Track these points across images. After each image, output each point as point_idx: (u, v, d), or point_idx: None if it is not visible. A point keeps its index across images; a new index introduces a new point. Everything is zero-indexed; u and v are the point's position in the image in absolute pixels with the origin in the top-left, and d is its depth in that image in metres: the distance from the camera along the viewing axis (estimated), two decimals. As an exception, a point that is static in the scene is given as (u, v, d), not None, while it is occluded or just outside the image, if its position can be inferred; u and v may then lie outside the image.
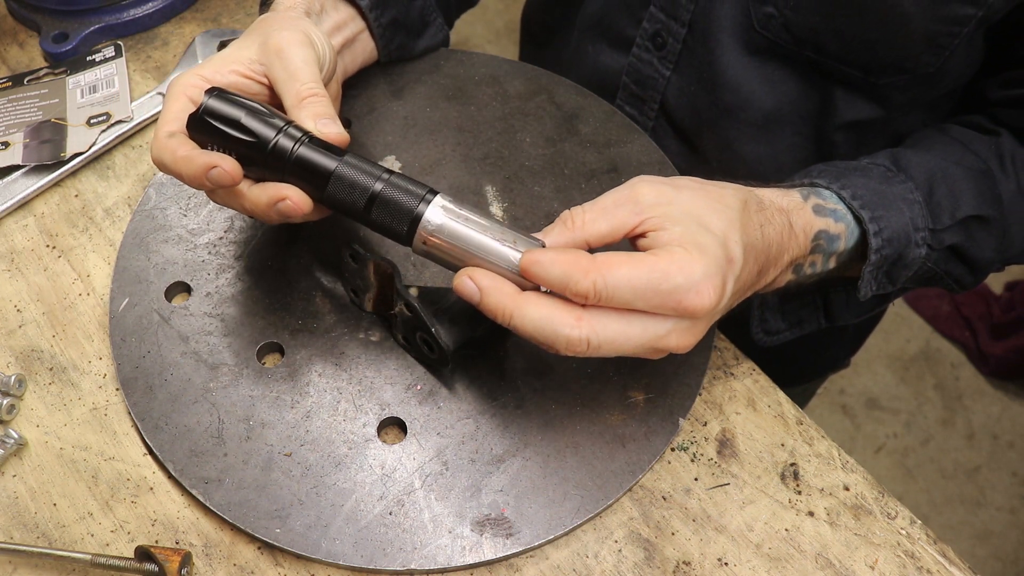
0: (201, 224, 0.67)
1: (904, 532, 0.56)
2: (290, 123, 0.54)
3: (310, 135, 0.54)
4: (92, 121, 0.74)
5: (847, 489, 0.57)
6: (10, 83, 0.78)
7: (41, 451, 0.58)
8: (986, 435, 1.91)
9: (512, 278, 0.50)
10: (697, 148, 0.75)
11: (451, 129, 0.73)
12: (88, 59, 0.80)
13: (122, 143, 0.74)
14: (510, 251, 0.50)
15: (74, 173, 0.72)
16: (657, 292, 0.46)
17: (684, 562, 0.54)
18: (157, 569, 0.51)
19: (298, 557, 0.53)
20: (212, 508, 0.54)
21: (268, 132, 0.53)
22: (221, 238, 0.66)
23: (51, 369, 0.61)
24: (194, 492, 0.54)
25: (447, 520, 0.54)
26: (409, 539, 0.53)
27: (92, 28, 0.81)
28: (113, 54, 0.80)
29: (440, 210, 0.51)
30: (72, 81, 0.78)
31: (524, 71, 0.77)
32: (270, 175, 0.54)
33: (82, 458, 0.57)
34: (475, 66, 0.77)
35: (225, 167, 0.52)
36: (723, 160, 0.73)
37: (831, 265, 0.61)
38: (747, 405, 0.61)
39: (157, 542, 0.54)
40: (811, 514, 0.56)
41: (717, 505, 0.56)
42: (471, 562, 0.52)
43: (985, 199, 0.63)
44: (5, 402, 0.59)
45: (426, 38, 0.76)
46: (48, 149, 0.72)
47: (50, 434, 0.59)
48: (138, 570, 0.52)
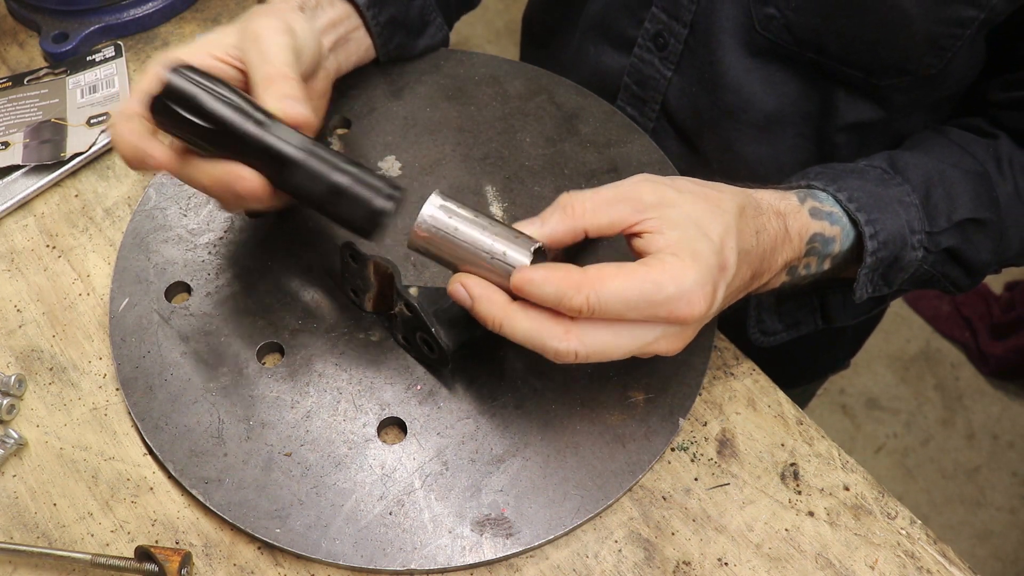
0: (201, 224, 0.67)
1: (904, 532, 0.56)
2: (253, 105, 0.52)
3: (272, 118, 0.52)
4: (92, 121, 0.74)
5: (847, 489, 0.57)
6: (10, 83, 0.78)
7: (41, 451, 0.58)
8: (986, 435, 1.91)
9: (504, 284, 0.50)
10: (698, 149, 0.75)
11: (451, 129, 0.73)
12: (88, 59, 0.80)
13: (122, 143, 0.74)
14: (505, 253, 0.49)
15: (74, 173, 0.72)
16: (649, 303, 0.47)
17: (684, 562, 0.54)
18: (157, 569, 0.51)
19: (298, 557, 0.53)
20: (212, 508, 0.54)
21: (227, 113, 0.51)
22: (221, 238, 0.66)
23: (51, 369, 0.61)
24: (194, 492, 0.54)
25: (447, 520, 0.54)
26: (409, 539, 0.53)
27: (92, 28, 0.81)
28: (113, 54, 0.80)
29: (437, 208, 0.51)
30: (72, 81, 0.78)
31: (524, 71, 0.77)
32: (234, 158, 0.53)
33: (82, 458, 0.57)
34: (475, 66, 0.77)
35: (157, 158, 0.52)
36: (724, 161, 0.73)
37: (826, 267, 0.61)
38: (747, 405, 0.61)
39: (157, 542, 0.54)
40: (811, 514, 0.56)
41: (717, 505, 0.56)
42: (471, 562, 0.52)
43: (982, 202, 0.63)
44: (5, 402, 0.59)
45: (426, 37, 0.76)
46: (48, 149, 0.72)
47: (50, 434, 0.59)
48: (138, 570, 0.52)
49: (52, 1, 0.81)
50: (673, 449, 0.58)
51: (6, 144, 0.73)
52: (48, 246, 0.68)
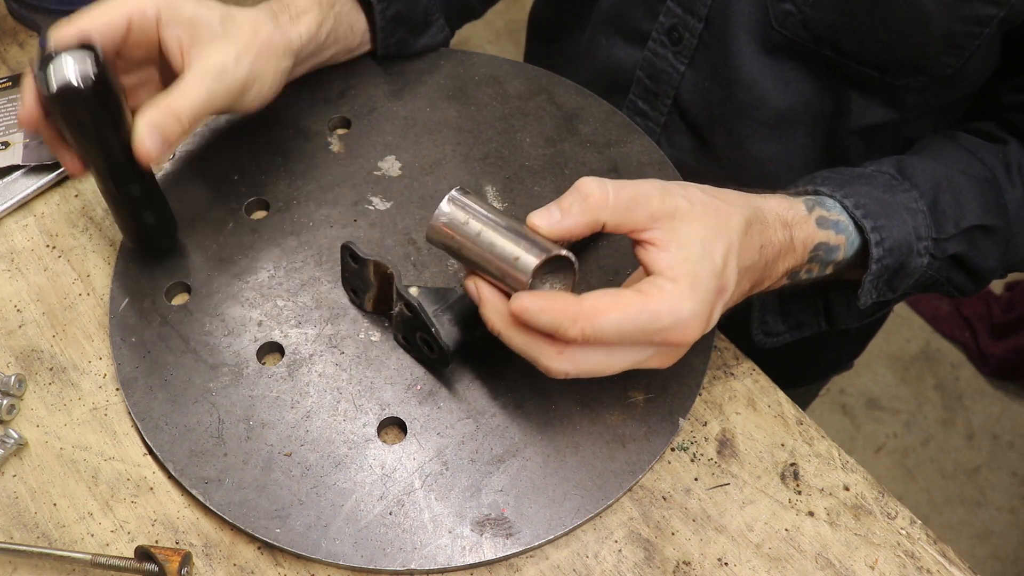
0: (201, 224, 0.66)
1: (904, 532, 0.56)
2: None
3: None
4: (92, 121, 0.74)
5: (847, 489, 0.57)
6: (10, 83, 0.78)
7: (41, 451, 0.58)
8: (986, 435, 1.91)
9: (509, 292, 0.51)
10: (708, 145, 0.75)
11: (451, 129, 0.73)
12: (88, 59, 0.79)
13: (122, 143, 0.74)
14: (507, 271, 0.50)
15: (74, 173, 0.72)
16: (645, 332, 0.48)
17: (684, 562, 0.54)
18: (157, 569, 0.51)
19: (298, 557, 0.53)
20: (212, 508, 0.54)
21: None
22: (221, 238, 0.66)
23: (51, 369, 0.61)
24: (194, 492, 0.54)
25: (447, 520, 0.54)
26: (409, 539, 0.53)
27: (92, 28, 0.81)
28: (113, 54, 0.80)
29: (457, 196, 0.51)
30: (72, 81, 0.78)
31: (524, 71, 0.77)
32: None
33: (82, 458, 0.57)
34: (475, 66, 0.77)
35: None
36: (734, 158, 0.73)
37: (828, 272, 0.61)
38: (747, 405, 0.61)
39: (157, 542, 0.54)
40: (811, 514, 0.56)
41: (717, 505, 0.56)
42: (471, 562, 0.52)
43: (990, 209, 0.63)
44: (5, 402, 0.59)
45: (426, 37, 0.76)
46: (48, 149, 0.72)
47: (50, 434, 0.59)
48: (138, 570, 0.52)
49: (52, 1, 0.81)
50: (673, 449, 0.58)
51: (6, 144, 0.73)
52: (48, 246, 0.68)
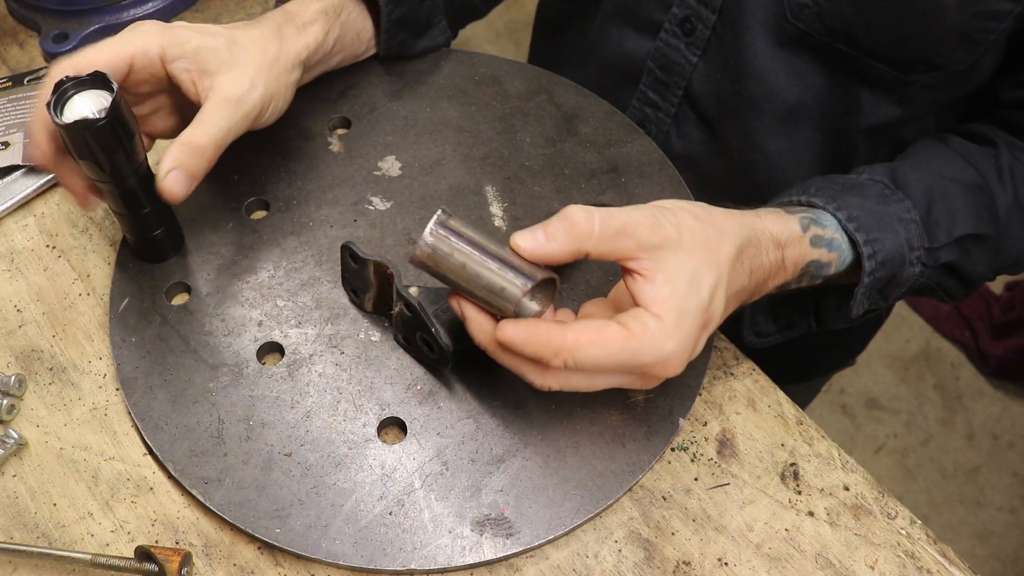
0: (201, 224, 0.66)
1: (904, 532, 0.56)
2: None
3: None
4: (92, 121, 0.74)
5: (847, 489, 0.57)
6: (10, 83, 0.78)
7: (41, 451, 0.58)
8: (986, 435, 1.91)
9: (494, 313, 0.51)
10: (718, 137, 0.75)
11: (451, 129, 0.73)
12: (88, 59, 0.80)
13: (122, 143, 0.74)
14: (494, 295, 0.50)
15: (74, 173, 0.72)
16: (625, 366, 0.49)
17: (684, 562, 0.54)
18: (157, 569, 0.51)
19: (298, 557, 0.53)
20: (212, 508, 0.54)
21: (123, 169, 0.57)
22: (221, 238, 0.66)
23: (51, 369, 0.61)
24: (194, 492, 0.54)
25: (447, 520, 0.54)
26: (409, 539, 0.53)
27: (92, 28, 0.81)
28: (113, 54, 0.80)
29: (438, 232, 0.50)
30: (72, 81, 0.78)
31: (524, 71, 0.77)
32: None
33: (82, 458, 0.57)
34: (475, 66, 0.77)
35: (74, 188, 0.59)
36: (744, 150, 0.73)
37: (818, 283, 0.62)
38: (747, 405, 0.61)
39: (157, 542, 0.54)
40: (811, 514, 0.56)
41: (717, 505, 0.56)
42: (471, 562, 0.52)
43: (982, 217, 0.63)
44: (5, 402, 0.59)
45: (427, 39, 0.76)
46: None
47: (50, 434, 0.59)
48: (138, 570, 0.52)
49: (52, 1, 0.81)
50: (673, 449, 0.58)
51: (6, 144, 0.73)
52: (48, 246, 0.68)
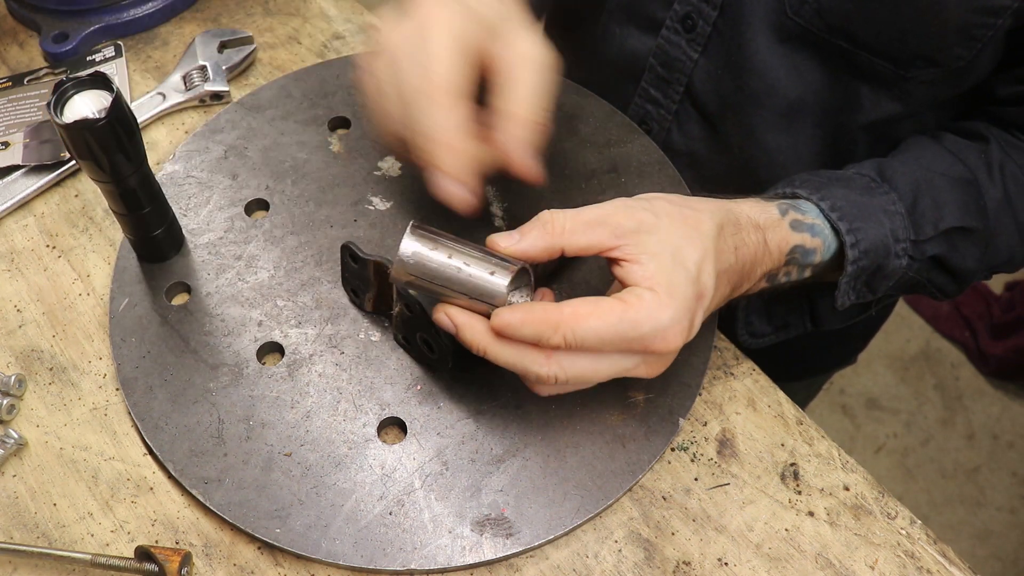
0: (201, 224, 0.67)
1: (904, 532, 0.56)
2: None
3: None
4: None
5: (847, 489, 0.57)
6: (10, 83, 0.78)
7: (41, 451, 0.58)
8: (986, 435, 1.91)
9: (486, 312, 0.51)
10: (720, 133, 0.75)
11: (451, 129, 0.73)
12: (88, 59, 0.80)
13: (122, 143, 0.74)
14: (482, 289, 0.50)
15: (74, 173, 0.72)
16: (625, 339, 0.48)
17: (684, 562, 0.54)
18: (157, 569, 0.51)
19: (298, 557, 0.53)
20: (212, 508, 0.54)
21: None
22: (221, 238, 0.66)
23: (51, 369, 0.61)
24: (194, 492, 0.54)
25: (447, 520, 0.54)
26: (409, 539, 0.53)
27: (92, 28, 0.81)
28: (113, 54, 0.80)
29: (414, 247, 0.51)
30: (72, 81, 0.78)
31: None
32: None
33: (82, 458, 0.57)
34: (475, 66, 0.77)
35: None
36: (745, 147, 0.73)
37: (806, 274, 0.62)
38: (747, 405, 0.61)
39: (157, 542, 0.54)
40: (811, 514, 0.56)
41: (717, 505, 0.56)
42: (471, 562, 0.52)
43: (969, 211, 0.63)
44: (5, 402, 0.59)
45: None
46: (48, 149, 0.72)
47: (50, 434, 0.59)
48: (138, 570, 0.52)
49: (52, 1, 0.81)
50: (673, 449, 0.58)
51: (6, 144, 0.73)
52: (48, 246, 0.68)
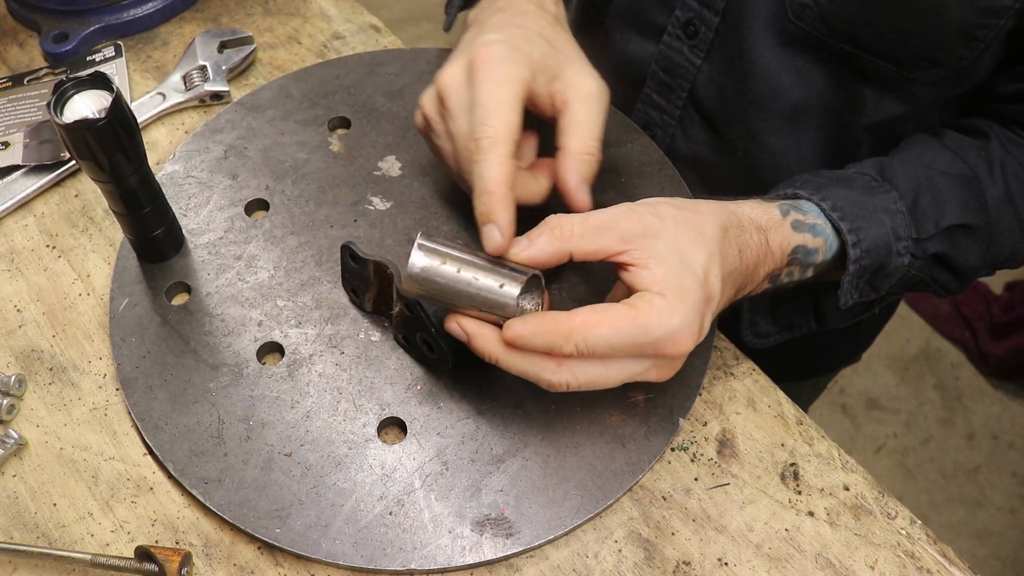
0: (201, 224, 0.67)
1: (904, 532, 0.56)
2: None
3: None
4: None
5: (847, 489, 0.57)
6: (10, 83, 0.78)
7: (41, 451, 0.58)
8: (986, 435, 1.91)
9: (497, 321, 0.51)
10: (724, 138, 0.75)
11: (451, 129, 0.73)
12: (88, 59, 0.80)
13: (122, 143, 0.74)
14: (493, 301, 0.51)
15: (74, 173, 0.72)
16: (637, 345, 0.49)
17: (684, 562, 0.54)
18: (157, 569, 0.51)
19: (298, 557, 0.53)
20: (212, 508, 0.54)
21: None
22: (221, 238, 0.66)
23: (51, 369, 0.61)
24: (194, 492, 0.54)
25: (447, 520, 0.54)
26: (409, 539, 0.53)
27: (92, 28, 0.81)
28: (113, 54, 0.80)
29: (424, 260, 0.51)
30: (72, 81, 0.78)
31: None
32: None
33: (82, 458, 0.57)
34: (475, 66, 0.77)
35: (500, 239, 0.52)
36: (749, 151, 0.73)
37: (809, 274, 0.62)
38: (747, 405, 0.61)
39: (157, 542, 0.54)
40: (811, 514, 0.56)
41: (717, 505, 0.56)
42: (471, 562, 0.52)
43: (970, 208, 0.63)
44: (5, 402, 0.59)
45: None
46: (48, 149, 0.72)
47: (50, 434, 0.59)
48: (138, 570, 0.52)
49: (52, 1, 0.81)
50: (673, 449, 0.58)
51: (6, 144, 0.73)
52: (48, 246, 0.68)
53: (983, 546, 1.76)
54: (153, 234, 0.62)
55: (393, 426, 0.58)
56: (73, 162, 0.71)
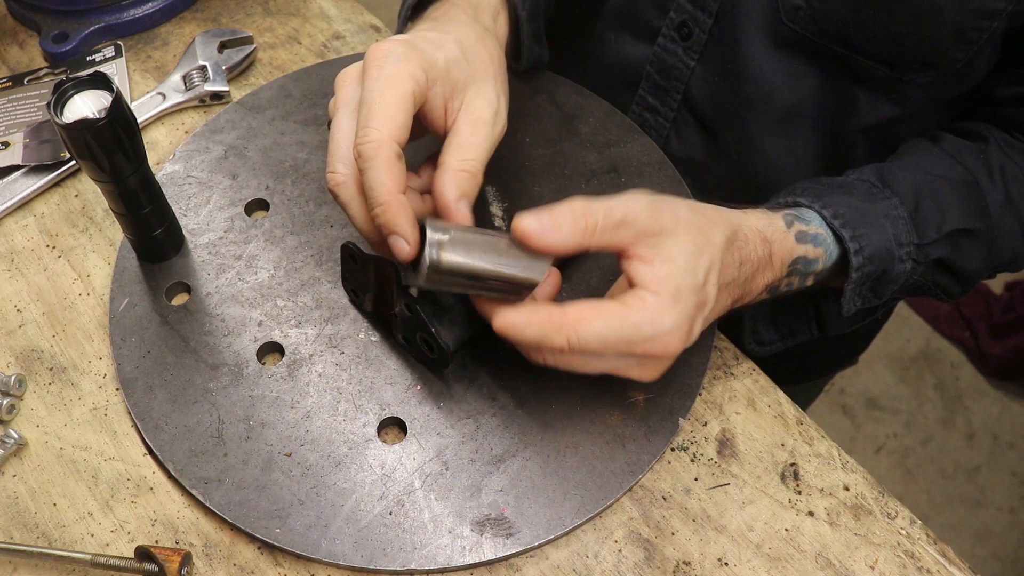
0: (201, 224, 0.67)
1: (904, 532, 0.56)
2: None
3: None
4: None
5: (847, 489, 0.57)
6: (10, 83, 0.78)
7: (41, 451, 0.58)
8: (986, 435, 1.91)
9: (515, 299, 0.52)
10: (718, 140, 0.75)
11: (451, 129, 0.73)
12: (88, 59, 0.80)
13: (122, 143, 0.74)
14: (513, 273, 0.51)
15: (74, 173, 0.72)
16: (627, 342, 0.49)
17: (684, 562, 0.54)
18: (157, 569, 0.51)
19: (298, 557, 0.53)
20: (212, 508, 0.54)
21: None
22: (221, 238, 0.66)
23: (51, 369, 0.61)
24: (194, 492, 0.54)
25: (447, 520, 0.54)
26: (409, 539, 0.53)
27: (92, 28, 0.81)
28: (113, 54, 0.80)
29: (435, 250, 0.49)
30: (72, 81, 0.78)
31: (524, 71, 0.77)
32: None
33: (82, 458, 0.57)
34: (475, 66, 0.77)
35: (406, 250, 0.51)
36: (743, 153, 0.73)
37: (808, 283, 0.62)
38: (747, 405, 0.61)
39: (157, 542, 0.54)
40: (811, 514, 0.56)
41: (717, 505, 0.56)
42: (471, 562, 0.52)
43: (971, 212, 0.63)
44: (5, 402, 0.59)
45: (543, 52, 0.75)
46: (48, 149, 0.72)
47: (50, 434, 0.59)
48: (138, 570, 0.52)
49: (52, 1, 0.81)
50: (673, 449, 0.58)
51: (6, 144, 0.73)
52: (48, 246, 0.68)
53: (983, 546, 1.76)
54: (153, 234, 0.62)
55: (393, 426, 0.58)
56: (73, 162, 0.71)
